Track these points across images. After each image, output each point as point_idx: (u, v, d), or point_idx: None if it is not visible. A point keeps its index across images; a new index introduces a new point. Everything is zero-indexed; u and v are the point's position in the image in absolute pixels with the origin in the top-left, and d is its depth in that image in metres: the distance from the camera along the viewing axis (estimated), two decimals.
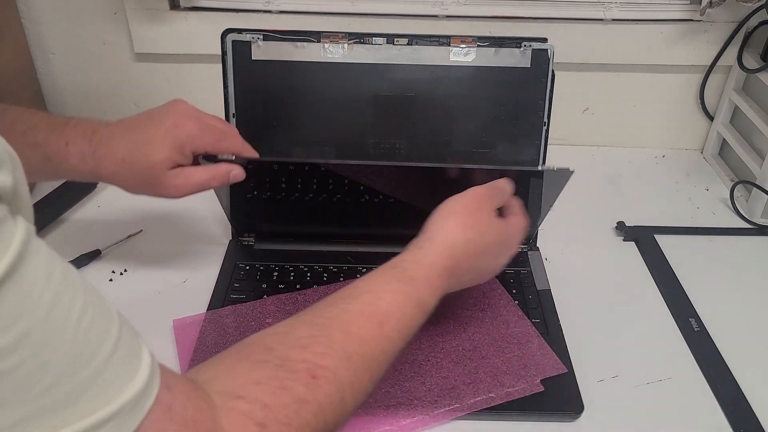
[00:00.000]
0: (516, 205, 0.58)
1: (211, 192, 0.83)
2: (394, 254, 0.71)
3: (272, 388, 0.35)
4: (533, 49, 0.69)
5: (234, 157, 0.59)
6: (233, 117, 0.71)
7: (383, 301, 0.43)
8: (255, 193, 0.71)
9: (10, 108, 0.57)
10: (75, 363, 0.26)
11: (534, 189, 0.70)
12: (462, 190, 0.53)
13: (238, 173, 0.59)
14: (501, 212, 0.56)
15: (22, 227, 0.26)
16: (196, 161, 0.59)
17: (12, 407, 0.25)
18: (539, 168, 0.68)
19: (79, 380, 0.27)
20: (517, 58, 0.70)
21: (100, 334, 0.28)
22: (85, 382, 0.27)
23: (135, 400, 0.28)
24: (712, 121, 0.98)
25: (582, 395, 0.58)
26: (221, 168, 0.58)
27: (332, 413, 0.38)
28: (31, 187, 0.80)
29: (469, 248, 0.50)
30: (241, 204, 0.72)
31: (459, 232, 0.50)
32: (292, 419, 0.35)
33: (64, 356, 0.26)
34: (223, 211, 0.72)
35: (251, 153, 0.61)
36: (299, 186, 0.73)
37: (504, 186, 0.56)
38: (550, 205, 0.66)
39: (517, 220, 0.56)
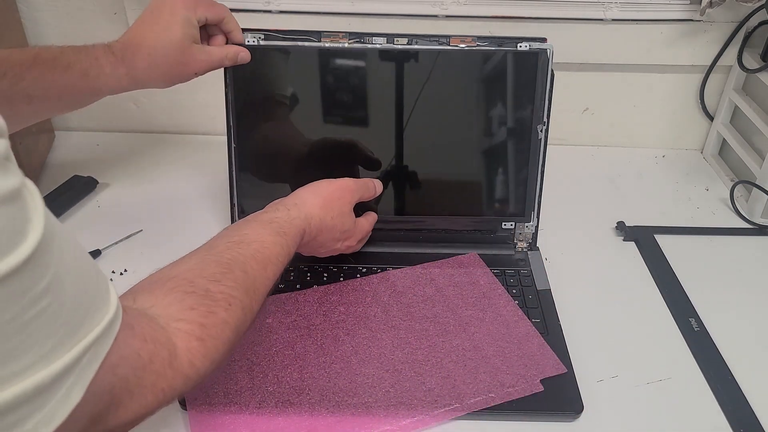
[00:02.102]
0: (373, 215, 0.71)
1: (211, 192, 0.83)
2: (393, 254, 0.72)
3: (203, 312, 0.44)
4: (532, 49, 0.69)
5: (246, 42, 0.70)
6: (234, 116, 0.71)
7: (268, 250, 0.53)
8: (259, 174, 0.73)
9: (27, 48, 0.63)
10: (78, 297, 0.33)
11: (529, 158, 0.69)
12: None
13: (244, 55, 0.69)
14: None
15: (37, 190, 0.31)
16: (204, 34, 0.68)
17: (48, 339, 0.30)
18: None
19: (82, 309, 0.33)
20: (516, 58, 0.69)
21: (88, 271, 0.35)
22: (85, 310, 0.33)
23: (111, 322, 0.35)
24: (712, 121, 0.98)
25: (582, 395, 0.58)
26: (232, 48, 0.68)
27: (240, 332, 0.48)
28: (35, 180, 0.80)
29: (321, 224, 0.62)
30: (246, 183, 0.73)
31: (319, 209, 0.62)
32: (219, 336, 0.44)
33: (73, 293, 0.32)
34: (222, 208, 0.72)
35: (234, 22, 0.69)
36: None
37: (372, 186, 0.70)
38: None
39: (364, 225, 0.69)
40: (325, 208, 0.62)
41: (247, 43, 0.69)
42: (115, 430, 0.39)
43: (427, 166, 0.73)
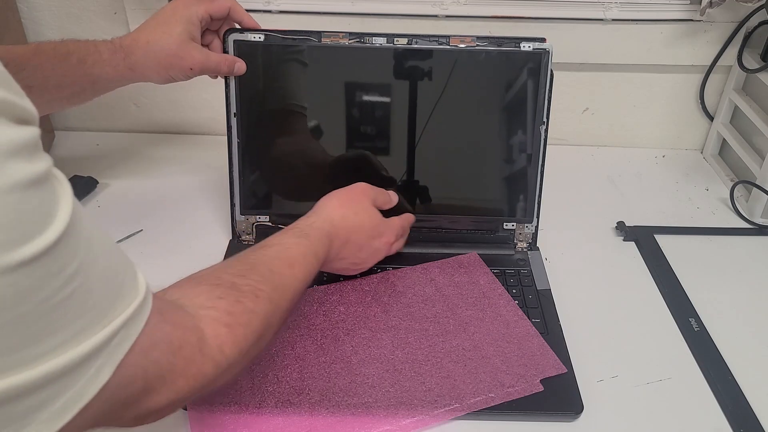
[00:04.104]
0: (407, 217, 0.71)
1: (211, 191, 0.83)
2: (398, 254, 0.72)
3: (231, 302, 0.45)
4: (532, 49, 0.69)
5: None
6: (234, 116, 0.71)
7: (291, 251, 0.54)
8: (264, 171, 0.73)
9: (28, 44, 0.65)
10: (108, 280, 0.34)
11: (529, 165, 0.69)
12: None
13: (240, 65, 0.69)
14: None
15: (64, 176, 0.32)
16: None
17: (78, 320, 0.32)
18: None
19: (111, 293, 0.34)
20: (515, 58, 0.69)
21: (116, 257, 0.36)
22: (115, 294, 0.34)
23: (140, 306, 0.36)
24: (712, 121, 0.98)
25: (582, 395, 0.58)
26: (230, 57, 0.69)
27: (268, 325, 0.48)
28: None
29: (345, 222, 0.62)
30: (250, 179, 0.73)
31: (337, 207, 0.62)
32: (247, 324, 0.45)
33: (102, 276, 0.33)
34: (222, 206, 0.72)
35: (242, 11, 0.69)
36: (304, 178, 0.73)
37: (389, 196, 0.69)
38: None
39: (396, 220, 0.68)
40: (344, 206, 0.63)
41: (251, 39, 0.69)
42: (148, 415, 0.40)
43: (426, 166, 0.73)
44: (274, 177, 0.74)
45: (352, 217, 0.62)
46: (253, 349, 0.46)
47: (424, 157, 0.73)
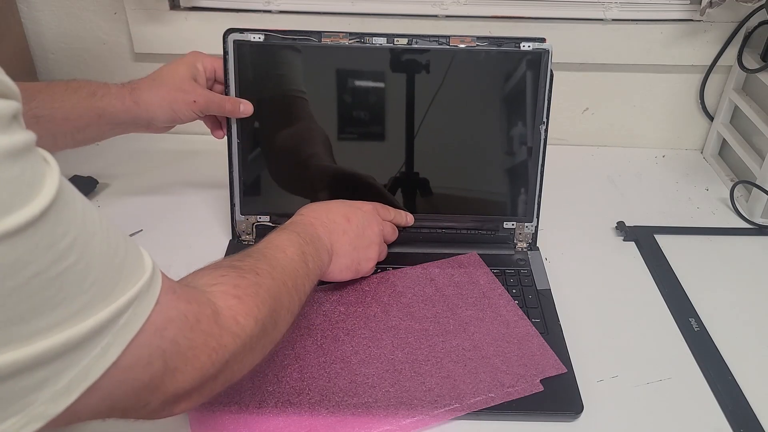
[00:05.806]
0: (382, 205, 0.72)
1: (211, 192, 0.83)
2: (394, 254, 0.72)
3: (235, 277, 0.47)
4: (532, 49, 0.69)
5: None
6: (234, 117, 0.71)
7: (276, 240, 0.57)
8: (264, 171, 0.74)
9: (43, 81, 0.68)
10: (108, 259, 0.34)
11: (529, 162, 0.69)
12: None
13: (246, 107, 0.70)
14: None
15: (53, 158, 0.32)
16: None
17: (78, 297, 0.32)
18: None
19: (113, 271, 0.34)
20: (515, 58, 0.70)
21: (116, 235, 0.35)
22: (117, 272, 0.34)
23: (147, 284, 0.36)
24: (712, 121, 0.98)
25: (582, 395, 0.58)
26: (234, 98, 0.70)
27: (277, 301, 0.49)
28: None
29: (316, 207, 0.65)
30: (251, 178, 0.73)
31: (307, 205, 0.66)
32: (255, 294, 0.47)
33: (101, 254, 0.33)
34: (224, 207, 0.72)
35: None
36: (306, 182, 0.73)
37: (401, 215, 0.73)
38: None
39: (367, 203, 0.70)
40: (316, 203, 0.67)
41: (252, 39, 0.69)
42: (176, 400, 0.40)
43: (426, 166, 0.73)
44: (274, 177, 0.74)
45: (320, 205, 0.66)
46: (268, 323, 0.47)
47: (425, 157, 0.73)
